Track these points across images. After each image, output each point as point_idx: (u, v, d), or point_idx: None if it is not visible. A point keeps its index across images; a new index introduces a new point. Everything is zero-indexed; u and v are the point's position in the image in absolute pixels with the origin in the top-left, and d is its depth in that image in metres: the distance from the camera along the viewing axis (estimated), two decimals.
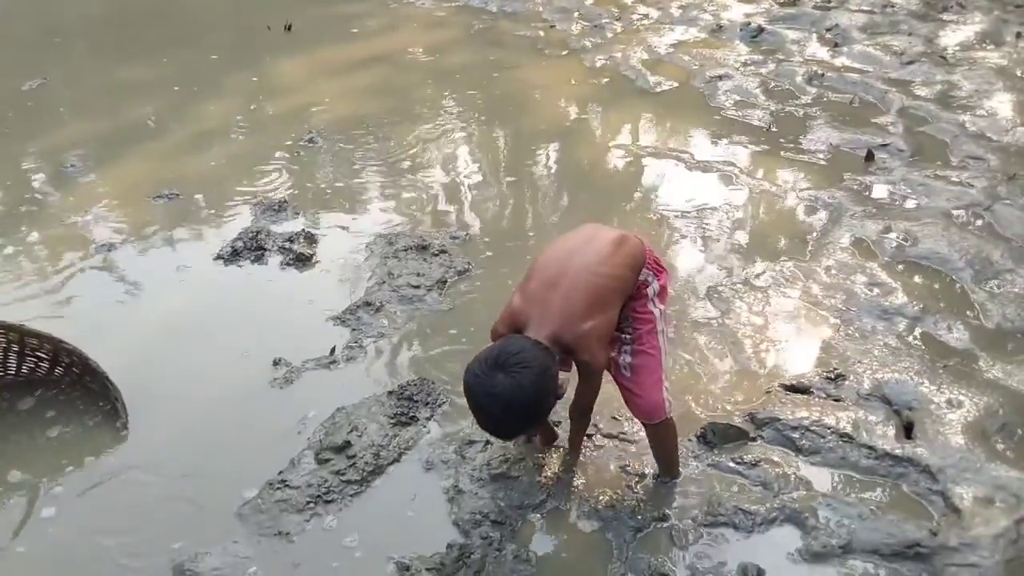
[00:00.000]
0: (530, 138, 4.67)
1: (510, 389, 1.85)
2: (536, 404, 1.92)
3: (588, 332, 2.02)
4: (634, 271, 2.16)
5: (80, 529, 2.32)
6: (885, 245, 3.51)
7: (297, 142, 4.60)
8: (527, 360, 1.88)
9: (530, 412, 1.93)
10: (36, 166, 4.46)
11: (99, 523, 2.34)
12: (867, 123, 4.66)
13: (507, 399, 1.86)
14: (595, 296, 2.05)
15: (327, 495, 2.38)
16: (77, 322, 3.10)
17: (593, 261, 2.09)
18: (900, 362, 2.84)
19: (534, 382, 1.87)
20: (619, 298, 2.12)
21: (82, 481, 2.48)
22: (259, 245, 3.58)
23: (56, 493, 2.44)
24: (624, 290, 2.13)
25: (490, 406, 1.89)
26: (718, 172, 4.19)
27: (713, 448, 2.53)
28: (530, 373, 1.87)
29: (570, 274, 2.06)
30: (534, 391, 1.88)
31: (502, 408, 1.87)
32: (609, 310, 2.08)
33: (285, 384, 2.84)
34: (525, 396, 1.87)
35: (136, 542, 2.27)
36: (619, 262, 2.12)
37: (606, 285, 2.07)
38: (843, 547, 2.20)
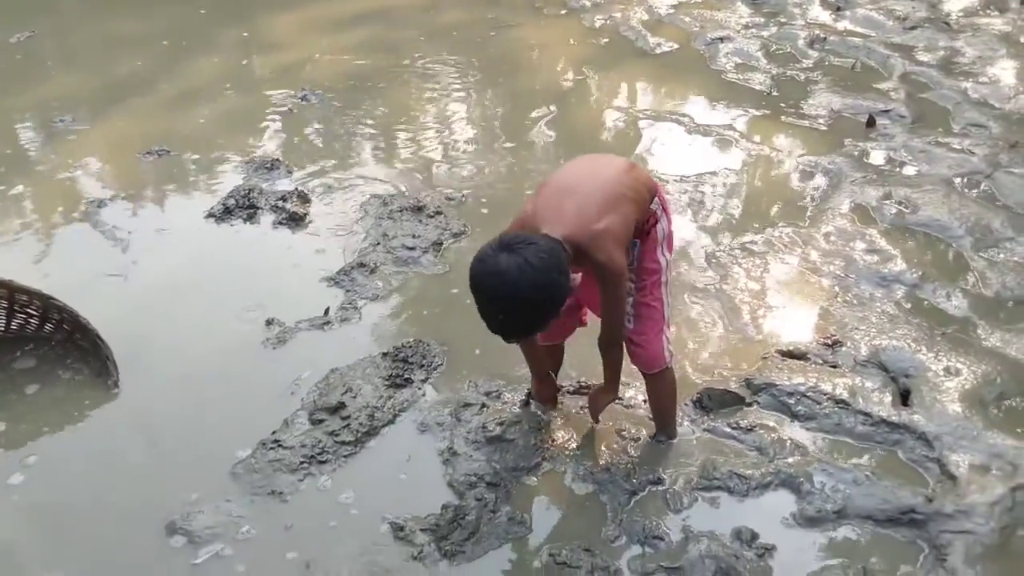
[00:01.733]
0: (527, 99, 4.59)
1: (517, 267, 1.74)
2: (547, 286, 1.79)
3: (603, 231, 1.93)
4: (648, 192, 2.11)
5: (72, 486, 2.30)
6: (885, 211, 3.48)
7: (290, 99, 4.51)
8: (535, 239, 1.80)
9: (540, 295, 1.79)
10: (25, 120, 4.37)
11: (89, 481, 2.32)
12: (869, 88, 4.61)
13: (514, 278, 1.74)
14: (611, 200, 1.98)
15: (321, 456, 2.37)
16: (67, 279, 3.04)
17: (610, 175, 2.05)
18: (898, 329, 2.82)
19: (543, 259, 1.77)
20: (634, 209, 2.04)
21: (73, 438, 2.46)
22: (251, 204, 3.53)
23: (45, 450, 2.41)
24: (639, 203, 2.06)
25: (496, 288, 1.78)
26: (717, 136, 4.13)
27: (709, 413, 2.52)
28: (537, 250, 1.77)
29: (586, 183, 2.02)
30: (544, 269, 1.76)
31: (509, 290, 1.75)
32: (625, 213, 2.00)
33: (278, 344, 2.81)
34: (534, 274, 1.75)
35: (128, 500, 2.25)
36: (635, 177, 2.09)
37: (623, 193, 2.01)
38: (837, 512, 2.20)
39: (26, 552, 2.11)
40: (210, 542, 2.12)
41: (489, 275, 1.78)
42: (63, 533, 2.17)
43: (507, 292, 1.76)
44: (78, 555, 2.11)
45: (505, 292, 1.77)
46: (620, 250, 1.99)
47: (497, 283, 1.77)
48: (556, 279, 1.80)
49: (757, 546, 2.11)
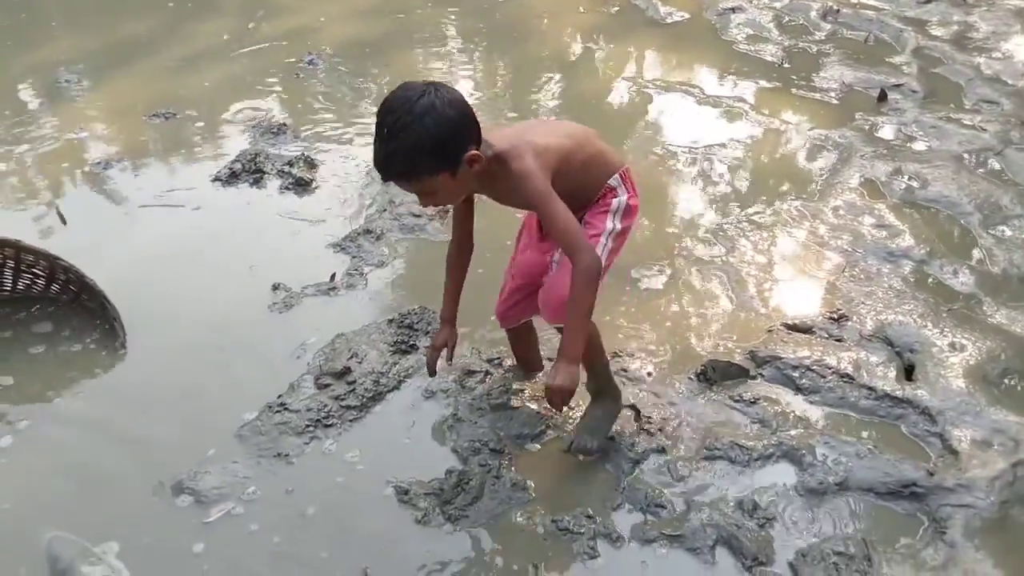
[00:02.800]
0: (535, 66, 4.55)
1: (430, 103, 1.72)
2: (448, 128, 1.74)
3: (527, 142, 1.89)
4: (604, 164, 2.09)
5: (80, 444, 2.32)
6: (894, 186, 3.46)
7: (296, 64, 4.48)
8: (460, 96, 1.79)
9: (435, 134, 1.72)
10: (30, 80, 4.34)
11: (98, 440, 2.33)
12: (881, 62, 4.56)
13: (422, 109, 1.71)
14: (554, 135, 1.99)
15: (326, 419, 2.38)
16: (72, 240, 3.04)
17: (567, 126, 2.11)
18: (904, 304, 2.82)
19: (459, 109, 1.76)
20: (576, 159, 2.00)
21: (81, 398, 2.47)
22: (258, 168, 3.51)
23: (55, 409, 2.43)
24: (584, 162, 2.03)
25: (397, 111, 1.73)
26: (727, 108, 4.10)
27: (713, 385, 2.52)
28: (461, 102, 1.77)
29: (541, 124, 2.12)
30: (455, 115, 1.75)
31: (410, 115, 1.71)
32: (564, 149, 1.97)
33: (284, 309, 2.81)
34: (441, 115, 1.72)
35: (136, 460, 2.27)
36: (591, 142, 2.08)
37: (571, 138, 2.02)
38: (839, 484, 2.22)
39: (29, 512, 2.13)
40: (218, 502, 2.14)
41: (400, 99, 1.75)
42: (68, 493, 2.19)
43: (404, 118, 1.72)
44: (84, 514, 2.12)
45: (403, 118, 1.72)
46: (540, 161, 1.89)
47: (401, 108, 1.73)
48: (459, 134, 1.77)
49: (758, 516, 2.13)
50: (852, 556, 2.03)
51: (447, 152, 1.78)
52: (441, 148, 1.76)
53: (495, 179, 1.91)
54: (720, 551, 2.05)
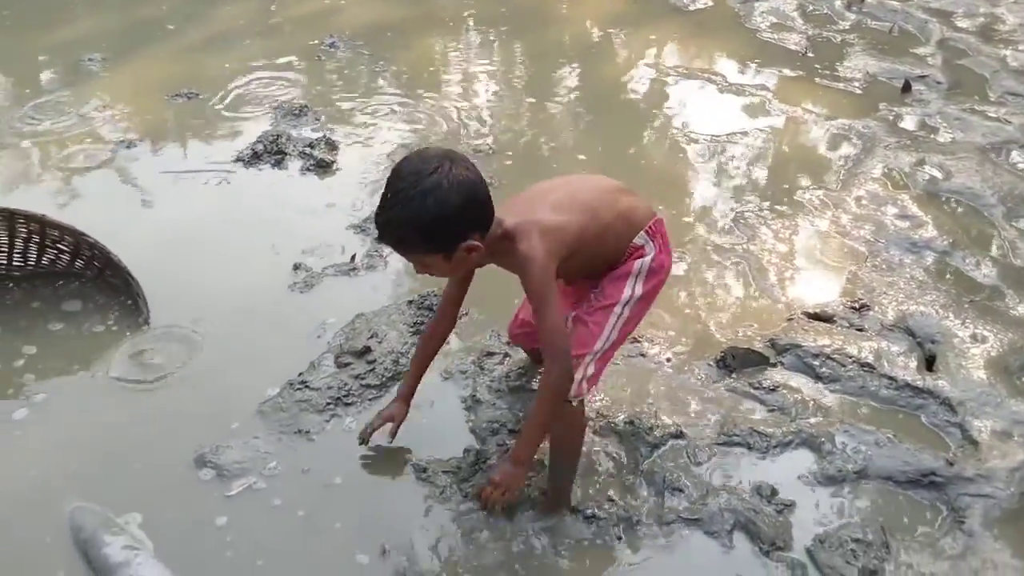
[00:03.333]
0: (556, 52, 4.54)
1: (438, 182, 1.63)
2: (448, 213, 1.64)
3: (536, 220, 1.78)
4: (631, 222, 1.93)
5: (103, 417, 2.35)
6: (917, 177, 3.44)
7: (317, 46, 4.48)
8: (473, 176, 1.68)
9: (433, 217, 1.64)
10: (52, 60, 4.36)
11: (122, 413, 2.36)
12: (905, 53, 4.52)
13: (428, 187, 1.62)
14: (570, 204, 1.85)
15: (347, 398, 2.39)
16: (95, 218, 3.05)
17: (588, 187, 1.94)
18: (926, 295, 2.81)
19: (467, 193, 1.65)
20: (595, 226, 1.87)
21: (104, 373, 2.49)
22: (279, 149, 3.53)
23: (80, 383, 2.46)
24: (607, 225, 1.89)
25: (405, 180, 1.64)
26: (750, 96, 4.08)
27: (732, 372, 2.52)
28: (470, 184, 1.66)
29: (558, 188, 1.92)
30: (459, 201, 1.64)
31: (415, 189, 1.62)
32: (580, 223, 1.83)
33: (305, 288, 2.82)
34: (445, 199, 1.63)
35: (158, 433, 2.30)
36: (617, 200, 1.93)
37: (589, 205, 1.87)
38: (858, 472, 2.22)
39: (54, 482, 2.16)
40: (239, 476, 2.16)
41: (411, 171, 1.65)
42: (92, 465, 2.21)
43: (409, 191, 1.64)
44: (107, 486, 2.15)
45: (409, 190, 1.64)
46: (548, 246, 1.77)
47: (411, 180, 1.64)
48: (462, 216, 1.68)
49: (776, 502, 2.13)
50: (870, 543, 2.03)
51: (442, 237, 1.71)
52: (436, 233, 1.69)
53: (504, 255, 1.82)
54: (738, 535, 2.06)
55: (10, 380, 2.45)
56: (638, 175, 3.48)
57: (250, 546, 2.01)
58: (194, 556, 1.98)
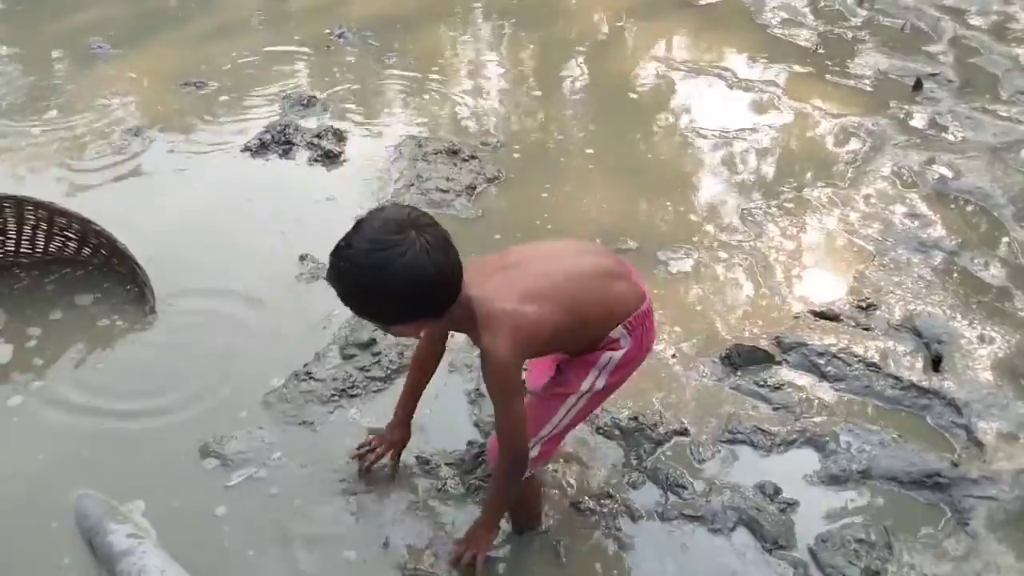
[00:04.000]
0: (564, 46, 4.52)
1: (397, 258, 1.46)
2: (396, 294, 1.50)
3: (509, 312, 1.59)
4: (614, 312, 1.75)
5: (108, 405, 2.35)
6: (927, 176, 3.42)
7: (327, 37, 4.47)
8: (438, 256, 1.50)
9: (382, 293, 1.50)
10: (62, 46, 4.36)
11: (126, 401, 2.37)
12: (917, 51, 4.49)
13: (381, 262, 1.47)
14: (548, 291, 1.66)
15: (351, 389, 2.40)
16: (102, 206, 3.05)
17: (570, 267, 1.75)
18: (933, 295, 2.79)
19: (423, 272, 1.48)
20: (570, 331, 1.70)
21: (111, 361, 2.50)
22: (287, 139, 3.52)
23: (85, 370, 2.46)
24: (587, 317, 1.72)
25: (365, 246, 1.48)
26: (760, 92, 4.05)
27: (737, 369, 2.52)
28: (428, 267, 1.48)
29: (537, 264, 1.74)
30: (411, 284, 1.48)
31: (368, 259, 1.48)
32: (555, 316, 1.64)
33: (311, 279, 2.82)
34: (397, 278, 1.47)
35: (163, 422, 2.30)
36: (605, 287, 1.75)
37: (570, 294, 1.68)
38: (862, 472, 2.21)
39: (61, 470, 2.17)
40: (242, 466, 2.17)
41: (376, 236, 1.49)
42: (97, 453, 2.22)
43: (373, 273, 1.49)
44: (112, 474, 2.16)
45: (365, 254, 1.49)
46: (517, 346, 1.60)
47: (374, 243, 1.49)
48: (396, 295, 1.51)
49: (780, 500, 2.13)
50: (873, 543, 2.02)
51: (387, 314, 1.59)
52: (380, 311, 1.58)
53: (468, 330, 1.68)
54: (740, 533, 2.06)
55: (17, 365, 2.46)
56: (645, 169, 3.47)
57: (248, 536, 2.02)
58: (194, 545, 1.98)
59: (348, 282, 1.54)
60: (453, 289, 1.57)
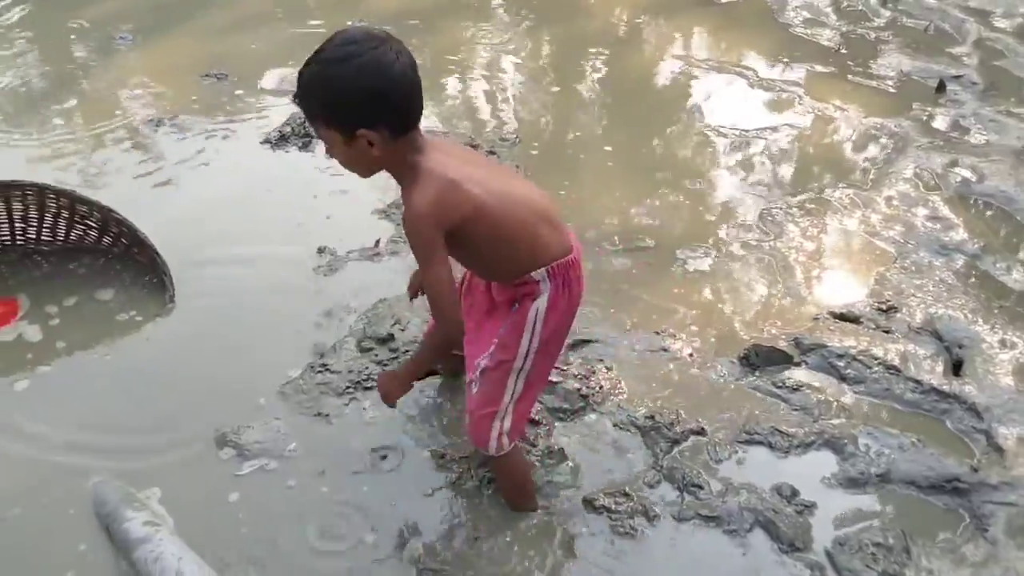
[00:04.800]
0: (582, 42, 4.50)
1: (368, 54, 1.54)
2: (359, 88, 1.54)
3: (447, 176, 1.62)
4: (531, 253, 1.75)
5: (127, 392, 2.37)
6: (950, 179, 3.38)
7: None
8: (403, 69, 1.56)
9: (343, 84, 1.55)
10: (84, 36, 4.39)
11: (144, 392, 2.38)
12: (941, 52, 4.44)
13: (353, 53, 1.54)
14: (491, 188, 1.67)
15: (367, 382, 2.40)
16: (122, 196, 3.07)
17: (523, 197, 1.76)
18: (955, 299, 2.76)
19: (391, 78, 1.55)
20: (494, 241, 1.71)
21: (129, 350, 2.52)
22: (307, 132, 3.53)
23: (108, 360, 2.48)
24: (499, 240, 1.71)
25: (338, 43, 1.57)
26: (781, 92, 4.02)
27: (755, 370, 2.50)
28: (405, 72, 1.56)
29: (490, 168, 1.82)
30: (377, 81, 1.54)
31: (340, 52, 1.55)
32: (484, 206, 1.65)
33: (329, 272, 2.83)
34: (364, 70, 1.54)
35: (181, 410, 2.32)
36: (534, 223, 1.74)
37: (497, 207, 1.67)
38: (880, 476, 2.19)
39: (78, 455, 2.19)
40: (258, 456, 2.18)
41: (351, 35, 1.58)
42: (114, 439, 2.24)
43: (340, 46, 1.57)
44: (129, 461, 2.17)
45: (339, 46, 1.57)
46: (437, 207, 1.61)
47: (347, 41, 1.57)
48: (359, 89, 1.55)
49: (797, 502, 2.11)
50: (891, 547, 2.01)
51: (340, 113, 1.59)
52: (335, 106, 1.58)
53: (399, 179, 1.69)
54: (756, 534, 2.05)
55: (37, 351, 2.48)
56: (664, 167, 3.45)
57: (263, 524, 2.03)
58: (209, 533, 2.00)
59: (312, 71, 1.58)
60: (410, 111, 1.62)
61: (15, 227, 2.74)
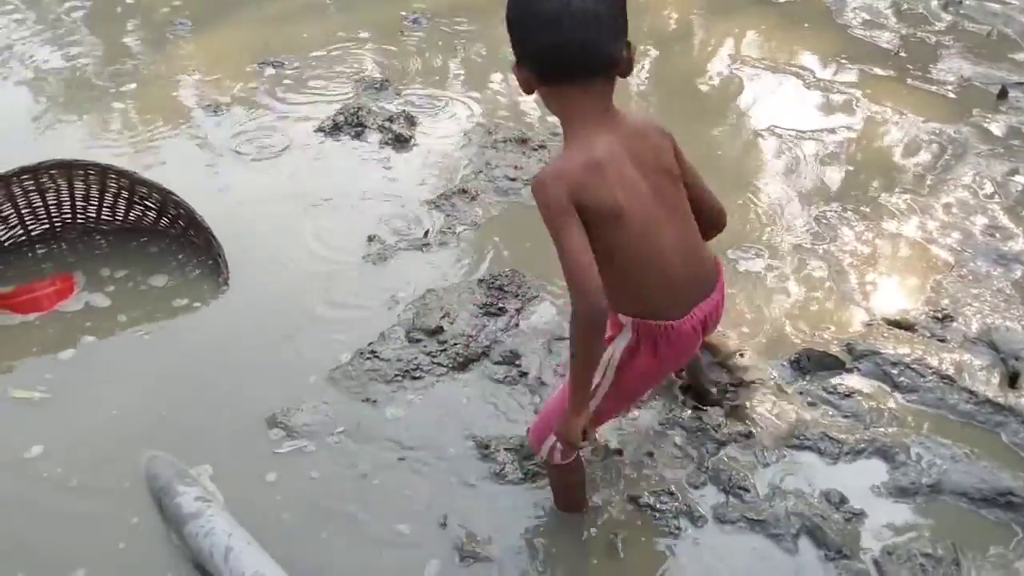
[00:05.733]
0: (636, 39, 4.41)
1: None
2: (510, 16, 1.54)
3: (575, 158, 1.54)
4: (629, 291, 1.65)
5: (181, 371, 2.42)
6: (1010, 188, 3.30)
7: (400, 22, 4.50)
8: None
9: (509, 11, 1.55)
10: (139, 24, 4.48)
11: (198, 371, 2.43)
12: (1003, 58, 4.33)
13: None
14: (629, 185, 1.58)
15: (415, 371, 2.42)
16: (178, 180, 3.11)
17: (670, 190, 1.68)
18: (1012, 309, 2.70)
19: (540, 16, 1.51)
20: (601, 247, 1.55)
21: (183, 330, 2.57)
22: (360, 122, 3.56)
23: (163, 338, 2.54)
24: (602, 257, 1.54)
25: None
26: (838, 93, 3.95)
27: (806, 374, 2.47)
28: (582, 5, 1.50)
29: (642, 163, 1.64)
30: (521, 13, 1.54)
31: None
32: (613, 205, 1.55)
33: (379, 260, 2.86)
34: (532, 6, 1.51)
35: (233, 391, 2.37)
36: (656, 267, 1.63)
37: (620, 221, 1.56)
38: (931, 486, 2.15)
39: (132, 430, 2.24)
40: (308, 437, 2.22)
41: None
42: (168, 416, 2.30)
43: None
44: (182, 437, 2.22)
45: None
46: (566, 190, 1.50)
47: None
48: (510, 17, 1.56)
49: (845, 510, 2.08)
50: (940, 559, 1.97)
51: (512, 37, 1.55)
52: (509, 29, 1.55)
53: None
54: (803, 540, 2.02)
55: (94, 326, 2.54)
56: (717, 166, 3.41)
57: (306, 506, 2.07)
58: (254, 513, 2.03)
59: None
60: (546, 56, 1.52)
61: (77, 205, 2.81)
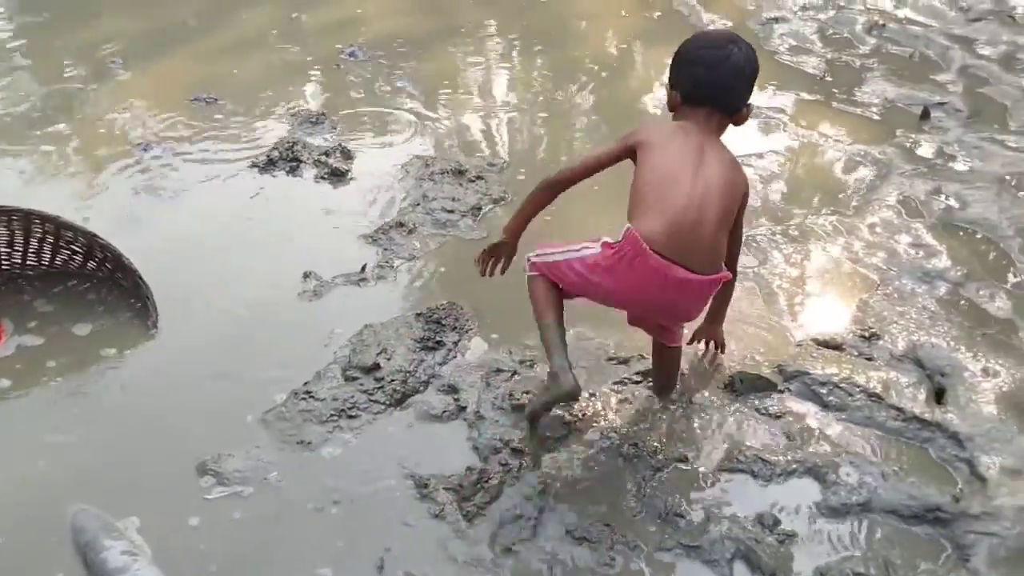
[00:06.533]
0: (572, 69, 4.53)
1: (715, 36, 2.53)
2: (680, 50, 2.39)
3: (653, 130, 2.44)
4: (631, 209, 2.31)
5: (107, 420, 2.36)
6: (933, 206, 3.41)
7: (337, 55, 4.50)
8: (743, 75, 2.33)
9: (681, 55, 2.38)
10: (76, 59, 4.41)
11: (127, 419, 2.37)
12: (925, 79, 4.49)
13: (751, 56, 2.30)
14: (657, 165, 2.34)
15: (351, 410, 2.40)
16: (107, 220, 3.07)
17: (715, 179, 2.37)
18: (937, 326, 2.78)
19: (698, 56, 2.33)
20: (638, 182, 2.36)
21: (110, 375, 2.51)
22: (295, 156, 3.54)
23: (84, 383, 2.48)
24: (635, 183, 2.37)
25: (748, 61, 2.28)
26: (765, 119, 4.05)
27: (739, 397, 2.51)
28: (736, 57, 2.29)
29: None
30: (689, 52, 2.36)
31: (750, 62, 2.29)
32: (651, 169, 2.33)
33: (314, 297, 2.83)
34: (694, 44, 2.37)
35: (162, 437, 2.31)
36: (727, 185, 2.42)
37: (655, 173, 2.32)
38: (862, 505, 2.19)
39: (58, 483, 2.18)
40: (239, 484, 2.17)
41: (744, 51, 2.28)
42: (93, 468, 2.24)
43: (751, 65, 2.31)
44: (108, 489, 2.17)
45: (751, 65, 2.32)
46: (634, 132, 2.42)
47: (748, 59, 2.30)
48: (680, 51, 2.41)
49: (778, 532, 2.11)
50: None
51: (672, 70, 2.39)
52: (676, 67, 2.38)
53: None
54: (738, 565, 2.04)
55: (20, 375, 2.47)
56: None
57: (238, 555, 2.02)
58: (186, 563, 1.99)
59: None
60: (699, 88, 2.32)
61: (1, 252, 2.74)
